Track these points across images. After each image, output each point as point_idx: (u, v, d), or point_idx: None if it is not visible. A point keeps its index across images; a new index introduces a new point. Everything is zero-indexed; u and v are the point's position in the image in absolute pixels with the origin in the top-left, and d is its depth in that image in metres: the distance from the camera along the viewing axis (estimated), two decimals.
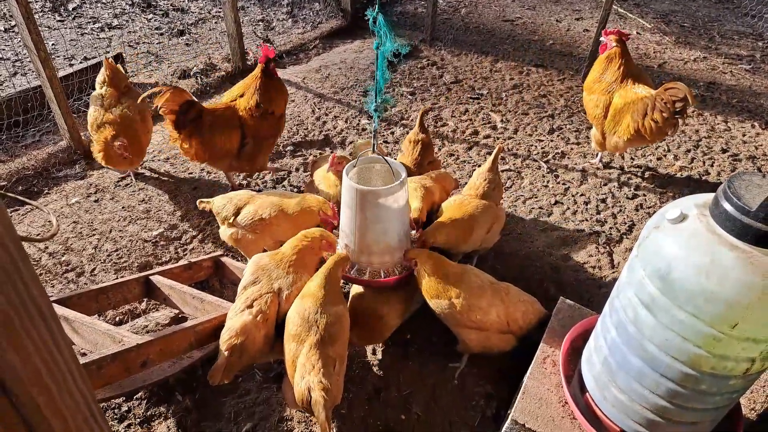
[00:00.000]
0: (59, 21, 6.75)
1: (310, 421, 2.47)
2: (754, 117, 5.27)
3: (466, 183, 4.15)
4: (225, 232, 3.06)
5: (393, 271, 2.83)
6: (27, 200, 3.77)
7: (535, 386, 2.17)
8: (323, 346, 2.18)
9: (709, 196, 1.59)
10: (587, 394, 2.03)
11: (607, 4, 5.25)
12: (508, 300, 2.53)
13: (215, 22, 7.05)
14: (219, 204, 3.06)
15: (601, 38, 4.18)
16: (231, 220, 2.98)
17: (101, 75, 3.82)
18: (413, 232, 3.06)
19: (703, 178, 4.35)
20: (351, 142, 4.62)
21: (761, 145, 4.82)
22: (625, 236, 3.71)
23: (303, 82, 5.62)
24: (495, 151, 3.17)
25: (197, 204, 3.15)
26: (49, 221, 3.59)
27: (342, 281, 2.62)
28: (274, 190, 3.15)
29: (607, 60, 4.05)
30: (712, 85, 5.89)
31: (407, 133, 4.75)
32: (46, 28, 6.42)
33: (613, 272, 3.39)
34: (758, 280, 1.37)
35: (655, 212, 1.85)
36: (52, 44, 6.06)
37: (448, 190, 3.41)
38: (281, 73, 5.80)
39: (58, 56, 5.82)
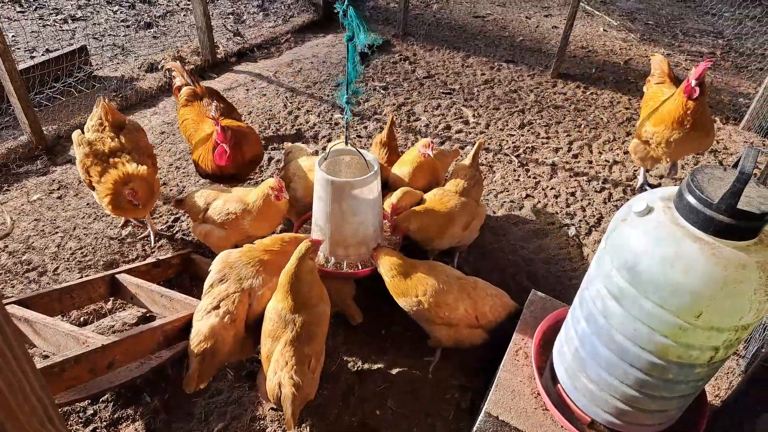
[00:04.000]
0: (19, 12, 6.48)
1: (284, 419, 2.45)
2: (715, 112, 5.42)
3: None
4: (195, 229, 3.01)
5: (369, 262, 2.82)
6: None
7: (508, 378, 2.19)
8: (299, 344, 2.15)
9: (673, 189, 1.63)
10: (559, 385, 2.05)
11: (574, 2, 5.31)
12: (475, 295, 2.54)
13: (184, 15, 6.89)
14: (189, 201, 3.01)
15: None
16: (201, 216, 2.94)
17: (96, 118, 3.16)
18: (386, 221, 3.07)
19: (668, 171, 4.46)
20: (324, 137, 4.58)
21: (722, 139, 4.97)
22: (594, 229, 3.78)
23: (275, 76, 5.54)
24: (475, 147, 3.12)
25: (172, 203, 3.10)
26: (3, 221, 3.45)
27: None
28: (240, 187, 3.13)
29: None
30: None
31: (381, 127, 4.75)
32: (6, 20, 6.16)
33: (583, 264, 3.45)
34: (720, 270, 1.41)
35: (622, 205, 1.89)
36: (12, 36, 5.82)
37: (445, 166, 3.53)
38: (252, 66, 5.72)
39: (19, 48, 5.59)
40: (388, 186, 3.27)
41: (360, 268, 2.81)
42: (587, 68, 6.13)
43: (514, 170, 4.35)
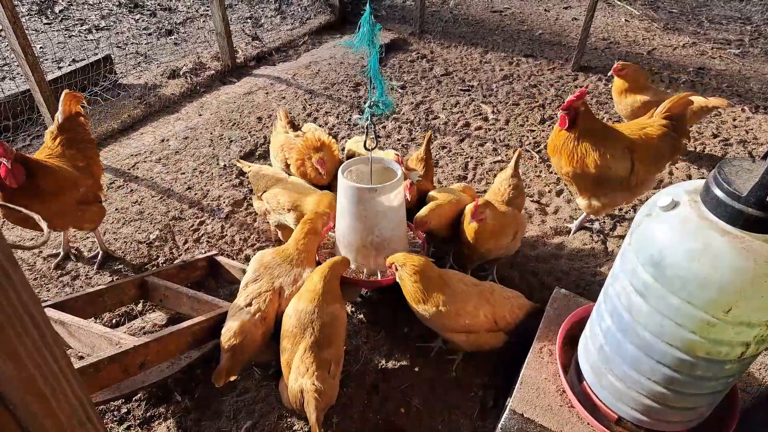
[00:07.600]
0: (46, 24, 6.68)
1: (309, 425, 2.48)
2: (744, 101, 5.29)
3: (459, 176, 4.17)
4: (255, 203, 3.35)
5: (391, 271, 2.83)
6: (15, 206, 3.71)
7: (532, 376, 2.18)
8: (318, 349, 2.18)
9: (699, 183, 1.60)
10: (584, 382, 2.04)
11: None
12: (493, 300, 2.51)
13: (203, 21, 7.00)
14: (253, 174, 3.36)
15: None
16: (259, 194, 3.25)
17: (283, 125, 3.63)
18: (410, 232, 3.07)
19: (694, 163, 4.37)
20: (343, 138, 4.61)
21: (752, 129, 4.84)
22: (618, 224, 3.72)
23: (293, 78, 5.59)
24: (515, 157, 3.12)
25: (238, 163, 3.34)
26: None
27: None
28: (297, 179, 3.33)
29: None
30: (702, 70, 5.91)
31: (399, 127, 4.76)
32: (33, 32, 6.35)
33: (608, 260, 3.41)
34: (750, 264, 1.38)
35: (647, 200, 1.87)
36: (40, 47, 6.01)
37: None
38: (271, 70, 5.78)
39: (46, 59, 5.77)
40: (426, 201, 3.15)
41: (381, 276, 2.82)
42: (609, 60, 6.03)
43: (535, 166, 4.31)
